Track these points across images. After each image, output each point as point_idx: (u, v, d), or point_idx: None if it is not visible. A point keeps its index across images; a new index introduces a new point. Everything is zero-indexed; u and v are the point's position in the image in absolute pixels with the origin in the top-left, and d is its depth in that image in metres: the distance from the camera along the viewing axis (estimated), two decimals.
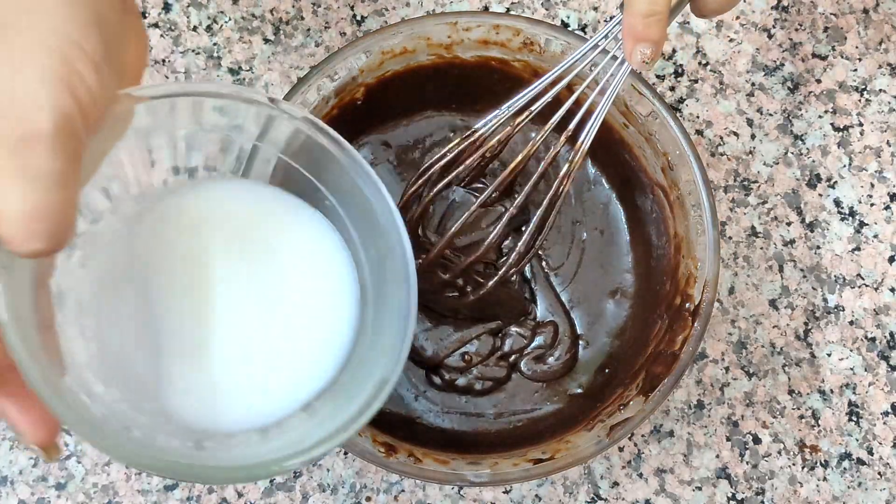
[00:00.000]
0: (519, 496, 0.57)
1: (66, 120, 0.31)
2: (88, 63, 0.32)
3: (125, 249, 0.39)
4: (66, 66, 0.31)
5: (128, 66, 0.36)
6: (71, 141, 0.31)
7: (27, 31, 0.31)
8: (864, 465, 0.58)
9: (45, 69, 0.31)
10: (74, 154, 0.31)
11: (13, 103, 0.30)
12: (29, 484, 0.56)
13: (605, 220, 0.59)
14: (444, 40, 0.54)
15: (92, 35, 0.32)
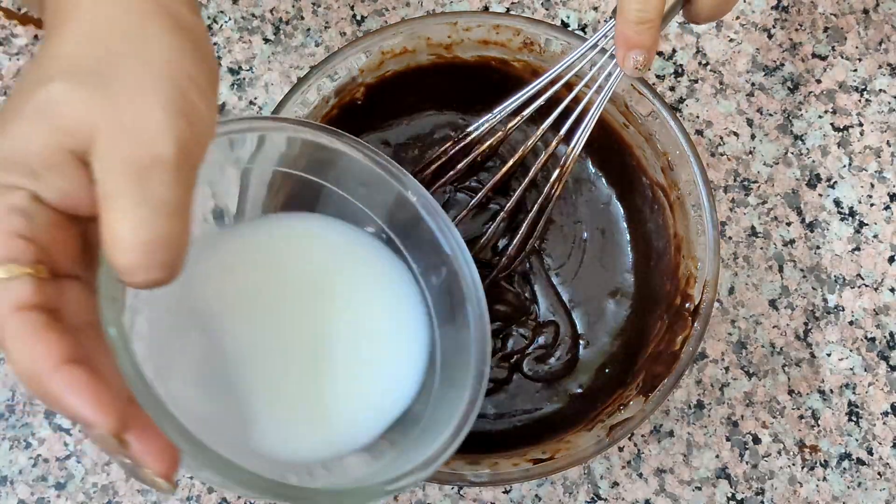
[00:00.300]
0: (519, 496, 0.57)
1: (186, 148, 0.30)
2: (200, 94, 0.32)
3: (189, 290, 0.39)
4: (183, 96, 0.31)
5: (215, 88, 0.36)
6: (188, 169, 0.31)
7: (146, 62, 0.31)
8: (864, 465, 0.58)
9: (165, 98, 0.31)
10: (190, 183, 0.31)
11: (137, 130, 0.30)
12: (29, 484, 0.56)
13: (606, 220, 0.59)
14: (444, 40, 0.54)
15: (202, 67, 0.33)
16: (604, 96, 0.49)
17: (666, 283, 0.55)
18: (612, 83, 0.48)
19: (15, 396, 0.57)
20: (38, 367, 0.29)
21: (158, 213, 0.30)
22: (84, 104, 0.30)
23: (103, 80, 0.31)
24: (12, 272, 0.30)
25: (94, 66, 0.31)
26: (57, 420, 0.57)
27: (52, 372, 0.29)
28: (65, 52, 0.32)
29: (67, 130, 0.30)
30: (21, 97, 0.31)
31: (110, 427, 0.30)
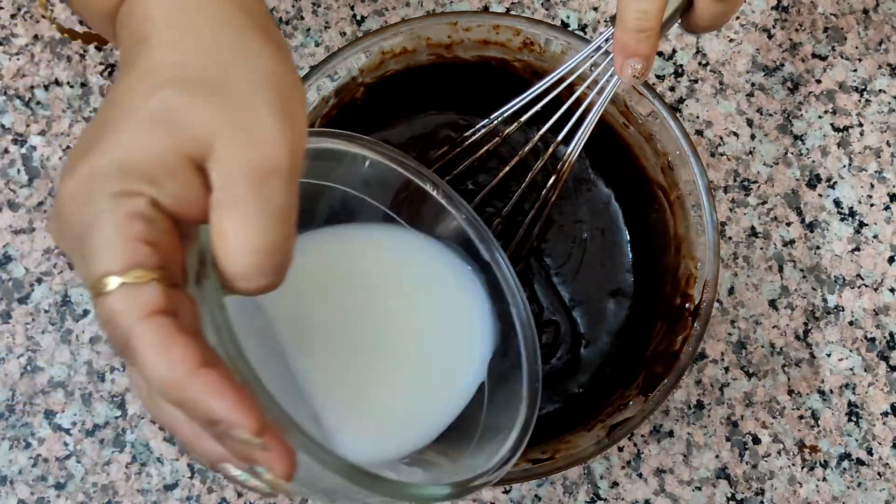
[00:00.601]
0: (518, 496, 0.57)
1: (295, 155, 0.31)
2: (299, 103, 0.33)
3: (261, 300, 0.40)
4: (288, 104, 0.32)
5: None
6: (296, 175, 0.31)
7: (254, 72, 0.32)
8: (864, 465, 0.58)
9: (275, 107, 0.31)
10: (296, 189, 0.31)
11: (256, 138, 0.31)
12: (28, 484, 0.56)
13: (606, 220, 0.59)
14: (444, 40, 0.54)
15: (296, 79, 0.34)
16: (602, 101, 0.49)
17: (666, 283, 0.55)
18: (610, 90, 0.48)
19: (15, 396, 0.57)
20: (176, 371, 0.29)
21: (275, 220, 0.30)
22: (202, 111, 0.31)
23: (215, 89, 0.31)
24: (140, 277, 0.30)
25: (204, 76, 0.31)
26: (57, 420, 0.57)
27: (191, 376, 0.29)
28: (171, 61, 0.32)
29: (187, 136, 0.30)
30: (127, 104, 0.31)
31: (254, 427, 0.29)
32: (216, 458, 0.32)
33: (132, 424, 0.57)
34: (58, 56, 0.61)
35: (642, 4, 0.43)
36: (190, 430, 0.32)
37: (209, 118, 0.31)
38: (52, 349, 0.58)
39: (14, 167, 0.60)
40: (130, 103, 0.31)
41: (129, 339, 0.30)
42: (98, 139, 0.31)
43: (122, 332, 0.30)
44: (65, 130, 0.60)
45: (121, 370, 0.57)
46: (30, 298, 0.58)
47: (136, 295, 0.29)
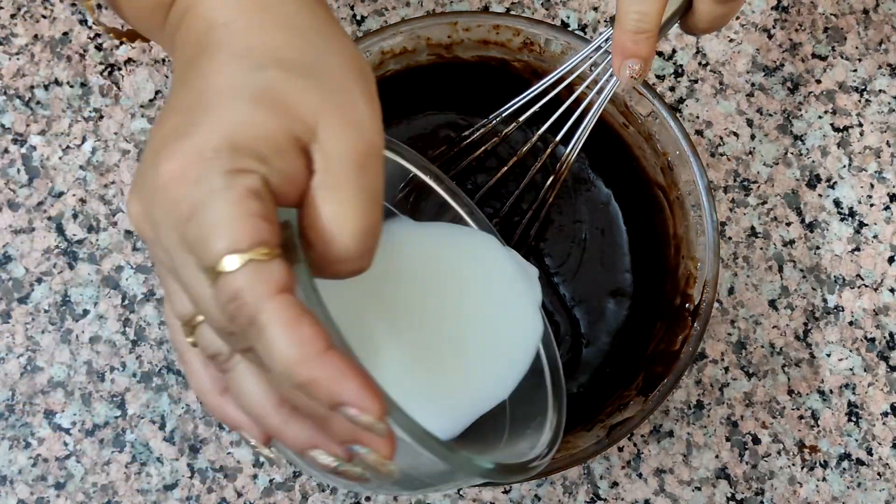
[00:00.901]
0: (518, 496, 0.57)
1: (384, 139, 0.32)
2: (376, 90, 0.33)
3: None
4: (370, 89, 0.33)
5: None
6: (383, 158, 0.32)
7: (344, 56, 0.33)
8: (864, 465, 0.58)
9: (366, 91, 0.32)
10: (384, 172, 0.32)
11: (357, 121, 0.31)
12: (28, 483, 0.56)
13: (605, 220, 0.59)
14: (444, 40, 0.54)
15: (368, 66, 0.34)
16: (601, 101, 0.49)
17: (666, 283, 0.55)
18: (609, 90, 0.48)
19: (14, 396, 0.57)
20: (306, 351, 0.28)
21: (372, 202, 0.31)
22: (306, 93, 0.31)
23: (313, 72, 0.32)
24: (267, 254, 0.29)
25: (302, 59, 0.32)
26: (56, 420, 0.57)
27: (321, 356, 0.28)
28: (266, 42, 0.32)
29: (295, 117, 0.30)
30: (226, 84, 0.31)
31: (378, 411, 0.29)
32: (307, 444, 0.32)
33: (132, 424, 0.57)
34: (58, 56, 0.61)
35: (641, 6, 0.43)
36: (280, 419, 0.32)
37: (313, 101, 0.31)
38: (51, 349, 0.58)
39: (14, 167, 0.60)
40: (231, 82, 0.31)
41: (257, 317, 0.28)
42: (197, 120, 0.30)
43: (249, 310, 0.28)
44: (64, 130, 0.60)
45: (120, 370, 0.57)
46: (29, 298, 0.58)
47: (264, 272, 0.28)
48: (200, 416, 0.57)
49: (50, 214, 0.59)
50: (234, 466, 0.57)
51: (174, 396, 0.57)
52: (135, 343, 0.58)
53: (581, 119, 0.50)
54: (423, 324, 0.42)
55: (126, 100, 0.61)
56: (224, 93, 0.31)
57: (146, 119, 0.61)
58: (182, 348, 0.34)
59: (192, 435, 0.57)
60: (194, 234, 0.29)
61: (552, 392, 0.44)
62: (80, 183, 0.59)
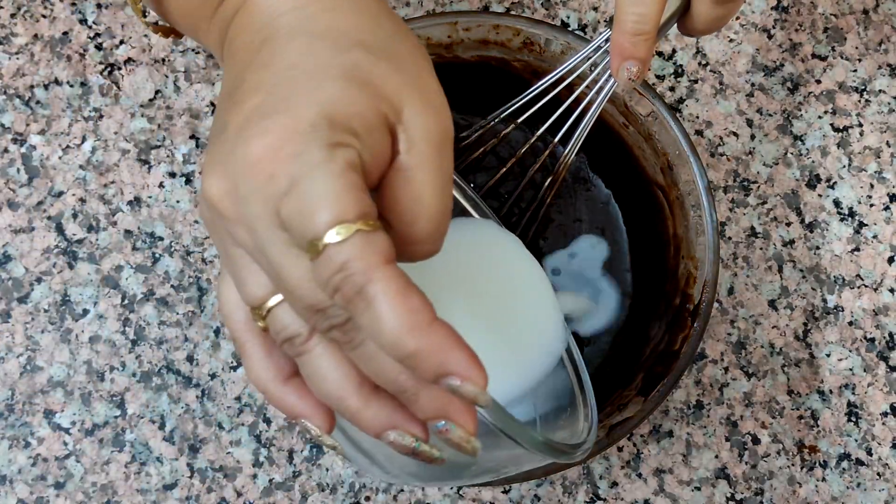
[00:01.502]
0: (518, 496, 0.57)
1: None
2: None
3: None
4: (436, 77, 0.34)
5: None
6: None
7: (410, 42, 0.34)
8: (863, 465, 0.58)
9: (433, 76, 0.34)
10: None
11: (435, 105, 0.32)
12: (28, 483, 0.56)
13: (605, 220, 0.59)
14: (444, 40, 0.54)
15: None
16: (600, 101, 0.49)
17: (665, 283, 0.55)
18: (608, 91, 0.48)
19: (14, 396, 0.57)
20: (417, 319, 0.28)
21: (449, 184, 0.32)
22: (389, 74, 0.32)
23: (391, 54, 0.32)
24: (373, 225, 0.29)
25: (380, 43, 0.33)
26: (56, 419, 0.57)
27: (431, 325, 0.28)
28: (346, 25, 0.33)
29: (384, 97, 0.31)
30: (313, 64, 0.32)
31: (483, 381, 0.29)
32: (387, 424, 0.32)
33: (131, 424, 0.57)
34: (57, 55, 0.61)
35: (640, 8, 0.43)
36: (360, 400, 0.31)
37: (397, 82, 0.32)
38: (51, 349, 0.57)
39: (14, 166, 0.60)
40: (318, 61, 0.32)
41: (366, 287, 0.28)
42: (288, 98, 0.30)
43: (358, 280, 0.28)
44: (64, 130, 0.60)
45: (120, 370, 0.57)
46: (29, 298, 0.58)
47: (373, 242, 0.28)
48: (200, 415, 0.57)
49: (50, 214, 0.59)
50: (233, 466, 0.57)
51: (174, 396, 0.57)
52: (134, 343, 0.58)
53: (580, 119, 0.50)
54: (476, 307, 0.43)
55: (126, 99, 0.61)
56: (313, 71, 0.31)
57: (146, 119, 0.61)
58: (243, 337, 0.34)
59: (191, 435, 0.57)
60: (294, 208, 0.29)
61: (576, 382, 0.45)
62: (80, 182, 0.59)
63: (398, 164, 0.31)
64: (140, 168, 0.60)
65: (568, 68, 0.50)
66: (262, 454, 0.57)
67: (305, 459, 0.57)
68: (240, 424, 0.57)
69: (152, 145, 0.60)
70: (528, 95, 0.51)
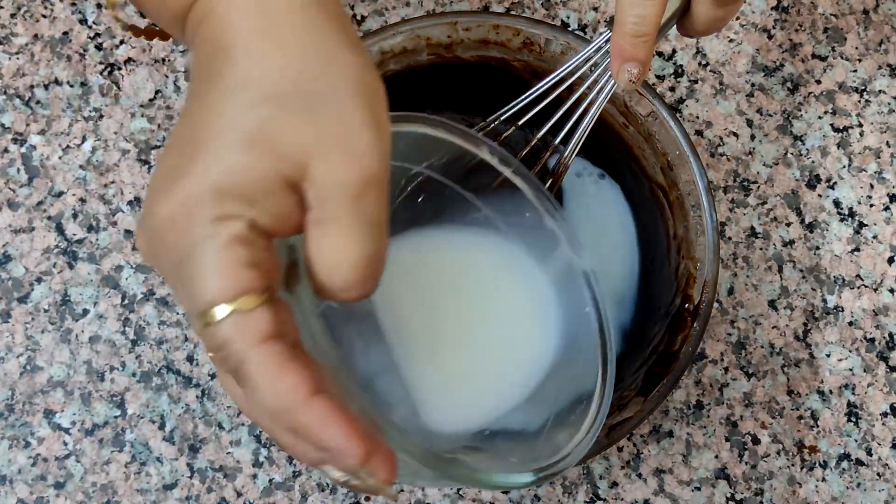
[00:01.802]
0: (518, 496, 0.57)
1: (386, 160, 0.31)
2: (382, 105, 0.32)
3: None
4: (373, 110, 0.31)
5: None
6: (386, 181, 0.31)
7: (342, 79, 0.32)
8: (863, 465, 0.58)
9: (365, 115, 0.31)
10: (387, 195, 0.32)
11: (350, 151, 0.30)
12: (28, 483, 0.56)
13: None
14: (444, 40, 0.54)
15: (377, 74, 0.33)
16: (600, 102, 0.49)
17: (665, 283, 0.55)
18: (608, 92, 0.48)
19: (14, 396, 0.57)
20: (290, 400, 0.29)
21: (372, 231, 0.31)
22: (297, 129, 0.30)
23: (307, 103, 0.31)
24: (250, 304, 0.29)
25: (296, 90, 0.31)
26: (56, 419, 0.57)
27: (304, 404, 0.29)
28: (261, 74, 0.31)
29: (284, 157, 0.30)
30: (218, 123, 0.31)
31: (361, 456, 0.30)
32: (318, 461, 0.32)
33: (131, 424, 0.57)
34: (57, 55, 0.61)
35: (640, 9, 0.43)
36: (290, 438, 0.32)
37: (304, 137, 0.30)
38: (51, 349, 0.58)
39: (14, 166, 0.60)
40: (223, 122, 0.31)
41: (241, 367, 0.30)
42: (191, 160, 0.30)
43: (235, 359, 0.30)
44: (64, 130, 0.60)
45: (120, 370, 0.57)
46: (29, 298, 0.58)
47: (248, 322, 0.29)
48: (200, 415, 0.57)
49: (50, 214, 0.59)
50: (233, 466, 0.57)
51: (174, 396, 0.57)
52: (134, 343, 0.58)
53: (580, 120, 0.50)
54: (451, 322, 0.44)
55: (126, 99, 0.61)
56: (218, 132, 0.31)
57: (146, 119, 0.61)
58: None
59: (191, 434, 0.57)
60: (184, 281, 0.30)
61: (600, 381, 0.44)
62: (80, 182, 0.59)
63: (310, 218, 0.31)
64: (140, 168, 0.60)
65: (568, 69, 0.50)
66: (262, 454, 0.57)
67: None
68: (240, 424, 0.57)
69: (152, 145, 0.60)
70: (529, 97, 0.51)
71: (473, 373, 0.44)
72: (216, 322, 0.29)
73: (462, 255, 0.46)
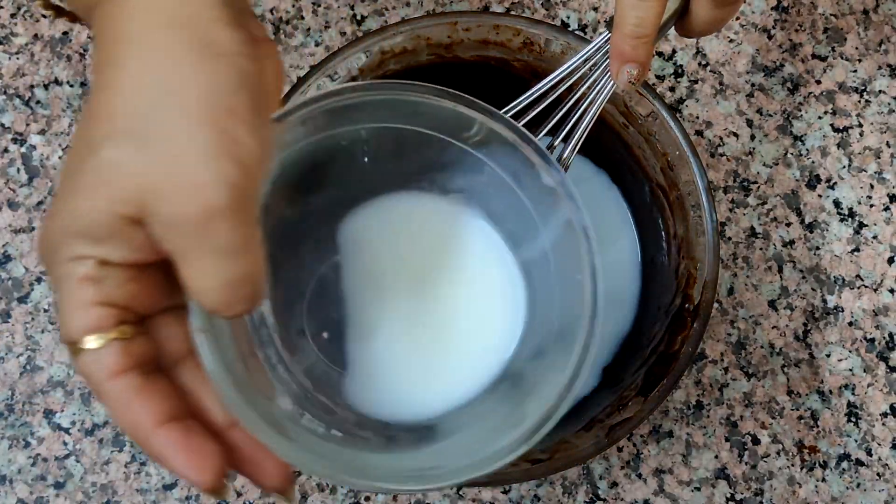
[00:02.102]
0: (518, 496, 0.57)
1: (236, 189, 0.30)
2: (243, 125, 0.31)
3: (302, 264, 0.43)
4: (223, 135, 0.30)
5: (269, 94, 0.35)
6: (245, 206, 0.31)
7: (182, 109, 0.30)
8: (863, 465, 0.58)
9: (207, 145, 0.30)
10: (251, 217, 0.31)
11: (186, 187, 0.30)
12: (28, 483, 0.56)
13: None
14: (444, 40, 0.54)
15: (239, 94, 0.31)
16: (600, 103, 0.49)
17: (665, 283, 0.55)
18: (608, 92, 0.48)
19: (14, 395, 0.57)
20: (138, 430, 0.32)
21: (228, 258, 0.31)
22: (133, 169, 0.30)
23: (146, 138, 0.30)
24: (99, 342, 0.31)
25: (136, 125, 0.31)
26: (56, 419, 0.57)
27: (150, 435, 0.32)
28: (111, 109, 0.31)
29: (121, 199, 0.30)
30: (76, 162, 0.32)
31: (207, 485, 0.32)
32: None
33: None
34: (58, 55, 0.61)
35: (640, 11, 0.43)
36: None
37: (140, 174, 0.30)
38: (51, 348, 0.58)
39: (14, 166, 0.60)
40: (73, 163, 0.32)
41: (100, 398, 0.32)
42: (57, 196, 0.32)
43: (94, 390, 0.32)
44: (64, 129, 0.60)
45: None
46: (29, 298, 0.58)
47: (96, 360, 0.32)
48: None
49: None
50: None
51: None
52: None
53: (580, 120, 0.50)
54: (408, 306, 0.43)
55: None
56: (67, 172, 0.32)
57: None
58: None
59: None
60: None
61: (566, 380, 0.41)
62: None
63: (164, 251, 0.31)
64: None
65: (568, 70, 0.50)
66: None
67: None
68: None
69: None
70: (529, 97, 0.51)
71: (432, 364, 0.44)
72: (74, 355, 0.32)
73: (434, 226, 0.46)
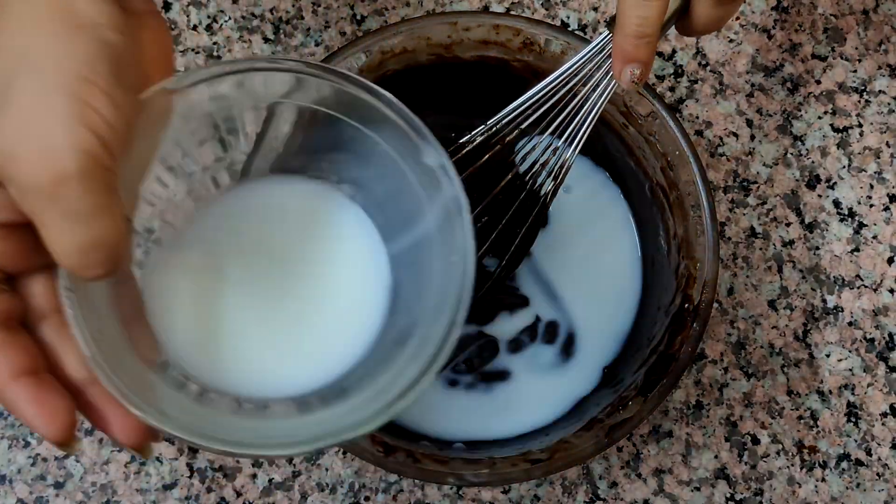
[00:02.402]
0: (517, 496, 0.57)
1: (90, 156, 0.31)
2: (100, 93, 0.32)
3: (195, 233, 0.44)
4: (79, 103, 0.31)
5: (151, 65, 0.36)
6: (99, 173, 0.31)
7: (38, 76, 0.31)
8: (863, 465, 0.58)
9: (59, 113, 0.31)
10: (107, 183, 0.32)
11: (37, 152, 0.31)
12: (27, 483, 0.56)
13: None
14: (444, 40, 0.54)
15: (98, 64, 0.32)
16: (601, 103, 0.49)
17: (665, 283, 0.55)
18: (609, 92, 0.48)
19: None
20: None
21: (80, 223, 0.31)
22: None
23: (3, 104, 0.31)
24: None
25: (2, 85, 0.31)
26: None
27: (4, 387, 0.34)
28: None
29: None
30: None
31: (56, 438, 0.34)
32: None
33: None
34: None
35: (642, 11, 0.43)
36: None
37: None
38: None
39: None
40: None
41: None
42: None
43: None
44: None
45: None
46: None
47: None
48: None
49: None
50: (233, 466, 0.57)
51: None
52: None
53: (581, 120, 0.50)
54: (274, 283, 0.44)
55: None
56: None
57: None
58: None
59: None
60: None
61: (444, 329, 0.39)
62: None
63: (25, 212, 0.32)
64: None
65: (569, 70, 0.50)
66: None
67: (305, 459, 0.57)
68: None
69: None
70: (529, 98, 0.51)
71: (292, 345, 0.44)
72: None
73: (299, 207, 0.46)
